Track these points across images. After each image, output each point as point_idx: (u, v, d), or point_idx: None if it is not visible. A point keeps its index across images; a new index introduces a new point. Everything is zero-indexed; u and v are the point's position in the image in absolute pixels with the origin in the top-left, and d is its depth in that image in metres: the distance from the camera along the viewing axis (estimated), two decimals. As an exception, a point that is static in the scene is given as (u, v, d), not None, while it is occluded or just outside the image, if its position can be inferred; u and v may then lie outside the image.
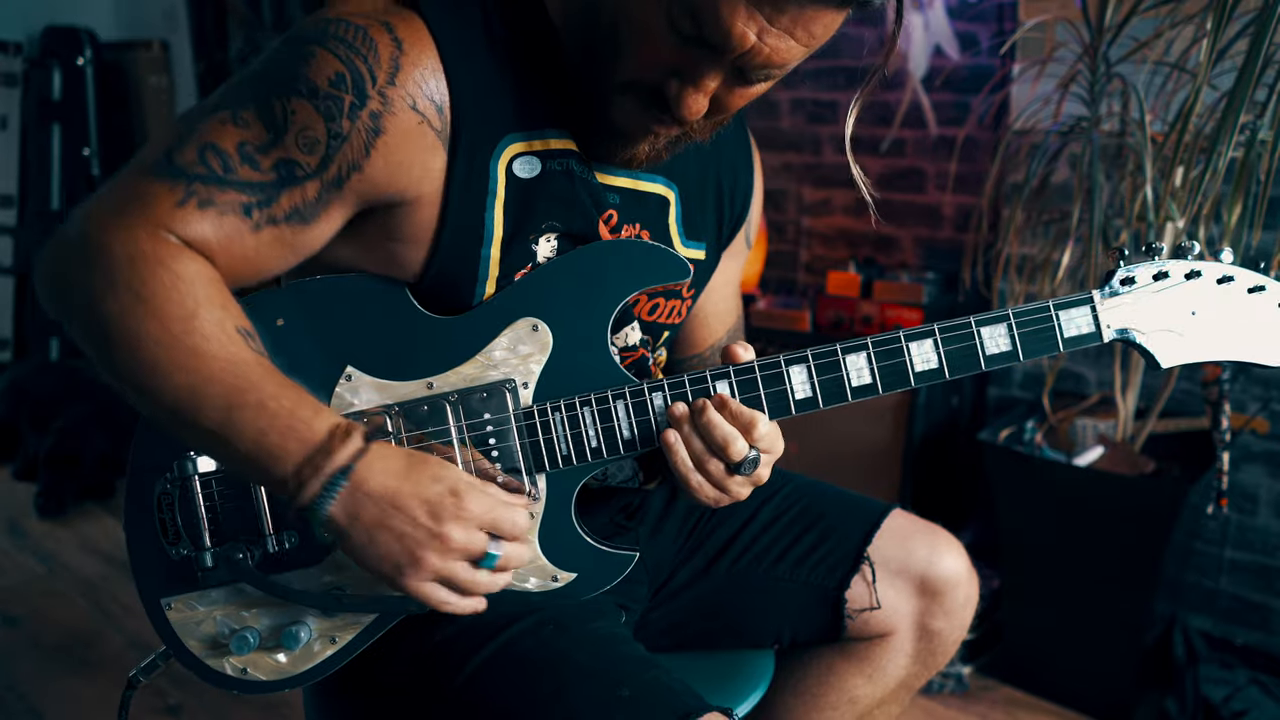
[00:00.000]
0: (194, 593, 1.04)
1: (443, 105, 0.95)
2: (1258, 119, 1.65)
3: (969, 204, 2.78)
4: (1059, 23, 2.18)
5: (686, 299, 1.18)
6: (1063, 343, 1.05)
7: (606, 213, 1.07)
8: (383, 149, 0.93)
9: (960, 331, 1.04)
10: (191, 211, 0.90)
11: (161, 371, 0.88)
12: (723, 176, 1.20)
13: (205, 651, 1.05)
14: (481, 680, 0.98)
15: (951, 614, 1.23)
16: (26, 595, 2.72)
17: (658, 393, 1.02)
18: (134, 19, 4.47)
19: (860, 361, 1.04)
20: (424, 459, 0.91)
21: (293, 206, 0.93)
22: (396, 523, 0.88)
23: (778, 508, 1.26)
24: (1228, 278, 1.05)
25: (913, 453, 2.52)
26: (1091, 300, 1.05)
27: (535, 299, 1.03)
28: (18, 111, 4.17)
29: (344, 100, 0.91)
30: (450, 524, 0.88)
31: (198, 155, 0.91)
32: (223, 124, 0.92)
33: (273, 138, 0.91)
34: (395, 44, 0.93)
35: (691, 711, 0.92)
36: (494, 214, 0.99)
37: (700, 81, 0.91)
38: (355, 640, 1.05)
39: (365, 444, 0.89)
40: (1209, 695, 2.10)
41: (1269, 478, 2.27)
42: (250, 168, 0.91)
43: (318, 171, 0.93)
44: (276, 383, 0.89)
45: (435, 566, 0.89)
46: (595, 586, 1.06)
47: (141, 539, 1.05)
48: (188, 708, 2.20)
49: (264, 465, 0.89)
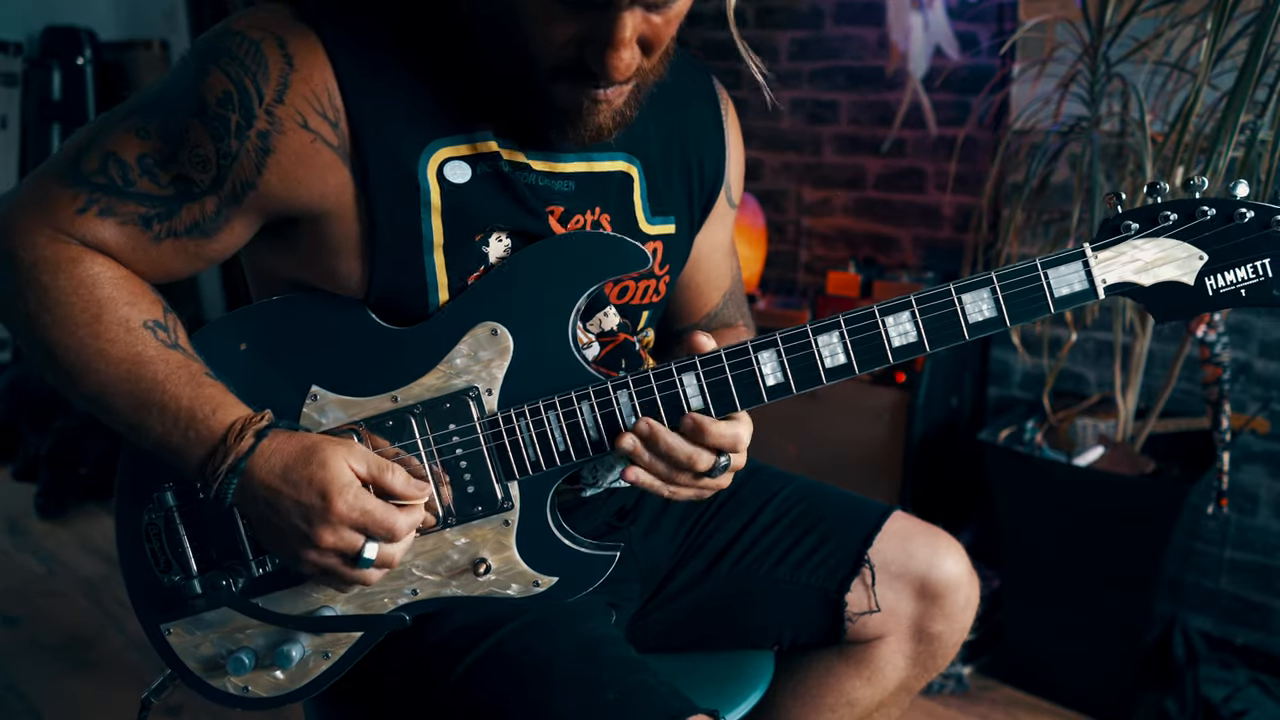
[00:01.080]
0: (189, 618, 1.05)
1: (338, 121, 0.94)
2: (1258, 119, 1.65)
3: (969, 204, 2.78)
4: (1059, 23, 2.18)
5: (662, 276, 1.16)
6: (1054, 303, 0.96)
7: (551, 207, 1.05)
8: (275, 167, 0.93)
9: (939, 300, 0.97)
10: (92, 219, 0.94)
11: (74, 375, 0.94)
12: (688, 142, 1.16)
13: (206, 672, 1.06)
14: (470, 683, 0.98)
15: (951, 617, 1.22)
16: (26, 595, 2.72)
17: (623, 390, 1.00)
18: (134, 19, 4.46)
19: (833, 340, 0.98)
20: (306, 458, 0.91)
21: (193, 220, 0.96)
22: (277, 520, 0.92)
23: (778, 510, 1.26)
24: (1240, 215, 0.94)
25: (913, 453, 2.52)
26: (1083, 254, 0.96)
27: (492, 302, 1.01)
28: (18, 111, 4.17)
29: (230, 120, 0.91)
30: (320, 526, 0.90)
31: (100, 164, 0.93)
32: (127, 134, 0.94)
33: (170, 152, 0.94)
34: (286, 61, 0.92)
35: (677, 714, 0.92)
36: (431, 221, 0.98)
37: (615, 38, 0.88)
38: (349, 654, 1.05)
39: (256, 441, 0.92)
40: (1209, 695, 2.10)
41: (1269, 478, 2.27)
42: (150, 181, 0.94)
43: (213, 188, 0.94)
44: (178, 380, 0.93)
45: (313, 562, 0.93)
46: (579, 588, 1.05)
47: (135, 567, 1.06)
48: (188, 708, 2.20)
49: (174, 459, 0.95)
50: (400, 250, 0.98)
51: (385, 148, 0.96)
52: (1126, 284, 0.97)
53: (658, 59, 0.96)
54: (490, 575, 1.03)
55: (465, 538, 1.03)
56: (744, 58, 1.08)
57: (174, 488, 1.02)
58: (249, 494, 0.92)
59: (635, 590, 1.22)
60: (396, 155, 0.96)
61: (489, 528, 1.03)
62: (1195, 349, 1.98)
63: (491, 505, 1.02)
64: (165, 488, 1.02)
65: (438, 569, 1.03)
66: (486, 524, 1.03)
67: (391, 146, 0.96)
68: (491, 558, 1.03)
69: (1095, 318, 2.35)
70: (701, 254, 1.25)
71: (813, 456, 2.66)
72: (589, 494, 1.14)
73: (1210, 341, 1.88)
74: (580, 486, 1.13)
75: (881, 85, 2.88)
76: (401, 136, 0.96)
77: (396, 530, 0.92)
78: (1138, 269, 0.97)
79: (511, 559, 1.03)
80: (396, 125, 0.96)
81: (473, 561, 1.03)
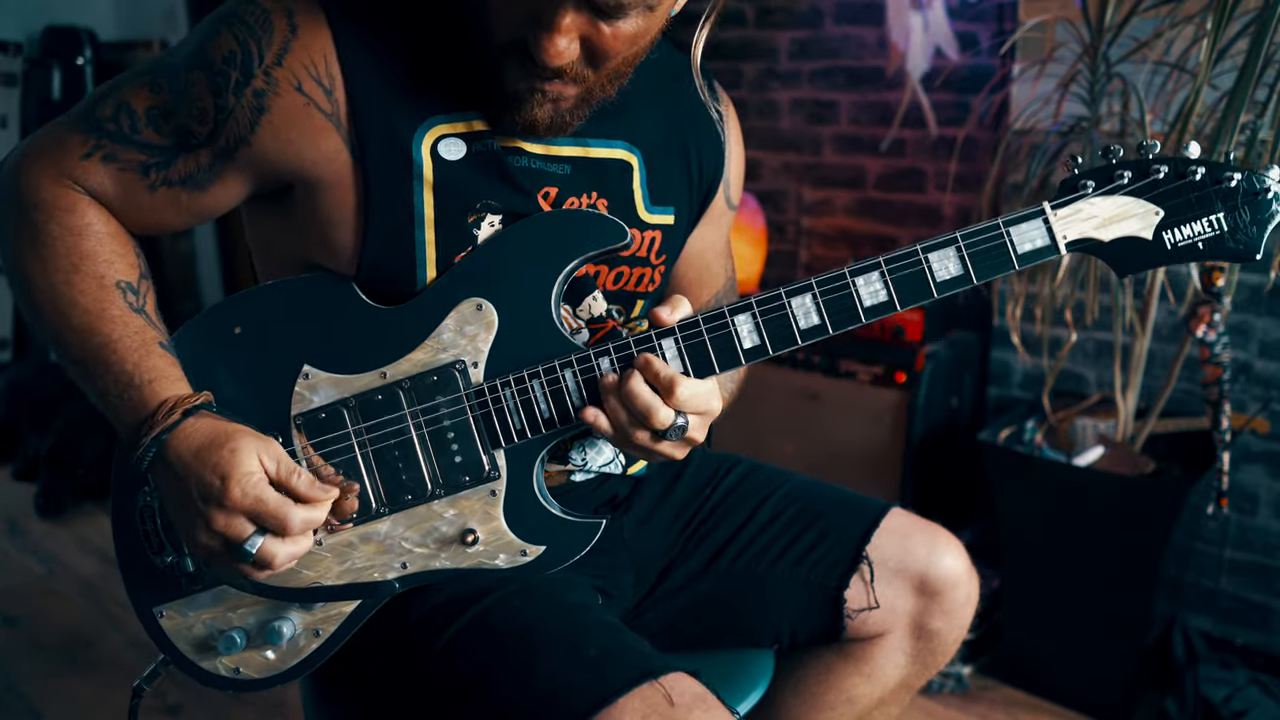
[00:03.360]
0: (183, 599, 1.07)
1: (332, 89, 0.98)
2: (1258, 119, 1.65)
3: (969, 204, 2.78)
4: (1059, 23, 2.18)
5: (657, 265, 1.17)
6: (1017, 260, 1.00)
7: (544, 189, 1.07)
8: (268, 126, 0.98)
9: (907, 260, 1.01)
10: (95, 164, 1.00)
11: (42, 312, 0.99)
12: (688, 138, 1.19)
13: (199, 655, 1.08)
14: (455, 651, 1.00)
15: (951, 613, 1.23)
16: (26, 595, 2.72)
17: (604, 358, 1.02)
18: (134, 19, 4.46)
19: (806, 302, 1.01)
20: (221, 443, 0.93)
21: (187, 171, 1.00)
22: (178, 494, 0.94)
23: (776, 507, 1.26)
24: (1192, 171, 0.99)
25: (913, 453, 2.52)
26: (1043, 212, 1.01)
27: (477, 279, 1.04)
28: (18, 111, 4.17)
29: (231, 77, 0.97)
30: (213, 508, 0.92)
31: (113, 112, 1.00)
32: (141, 86, 1.00)
33: (175, 105, 0.99)
34: (290, 28, 0.97)
35: (655, 670, 0.93)
36: (423, 197, 1.01)
37: (554, 22, 0.90)
38: (339, 631, 1.06)
39: (181, 418, 0.95)
40: (1209, 695, 2.10)
41: (1269, 478, 2.27)
42: (153, 130, 1.00)
43: (208, 141, 0.99)
44: (129, 345, 0.97)
45: (202, 541, 0.94)
46: (565, 557, 1.06)
47: (130, 551, 1.08)
48: (188, 708, 2.20)
49: (110, 416, 0.99)
50: (392, 224, 1.01)
51: (382, 120, 0.99)
52: (1086, 239, 1.01)
53: (606, 74, 0.99)
54: (479, 546, 1.05)
55: (453, 509, 1.05)
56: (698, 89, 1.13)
57: None
58: (163, 465, 0.95)
59: (629, 581, 1.22)
60: (393, 129, 0.99)
61: (476, 499, 1.04)
62: (1195, 349, 1.98)
63: (478, 475, 1.04)
64: None
65: (427, 541, 1.05)
66: (474, 494, 1.04)
67: (388, 120, 0.99)
68: (479, 528, 1.04)
69: (1095, 318, 2.35)
70: (693, 252, 1.26)
71: (813, 457, 2.67)
72: (579, 478, 1.15)
73: (1210, 341, 1.88)
74: (570, 469, 1.13)
75: (881, 85, 2.88)
76: (399, 111, 1.00)
77: (289, 524, 0.92)
78: (1096, 225, 1.01)
79: (499, 529, 1.05)
80: (394, 100, 1.00)
81: (461, 532, 1.04)
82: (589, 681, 0.92)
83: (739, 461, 1.33)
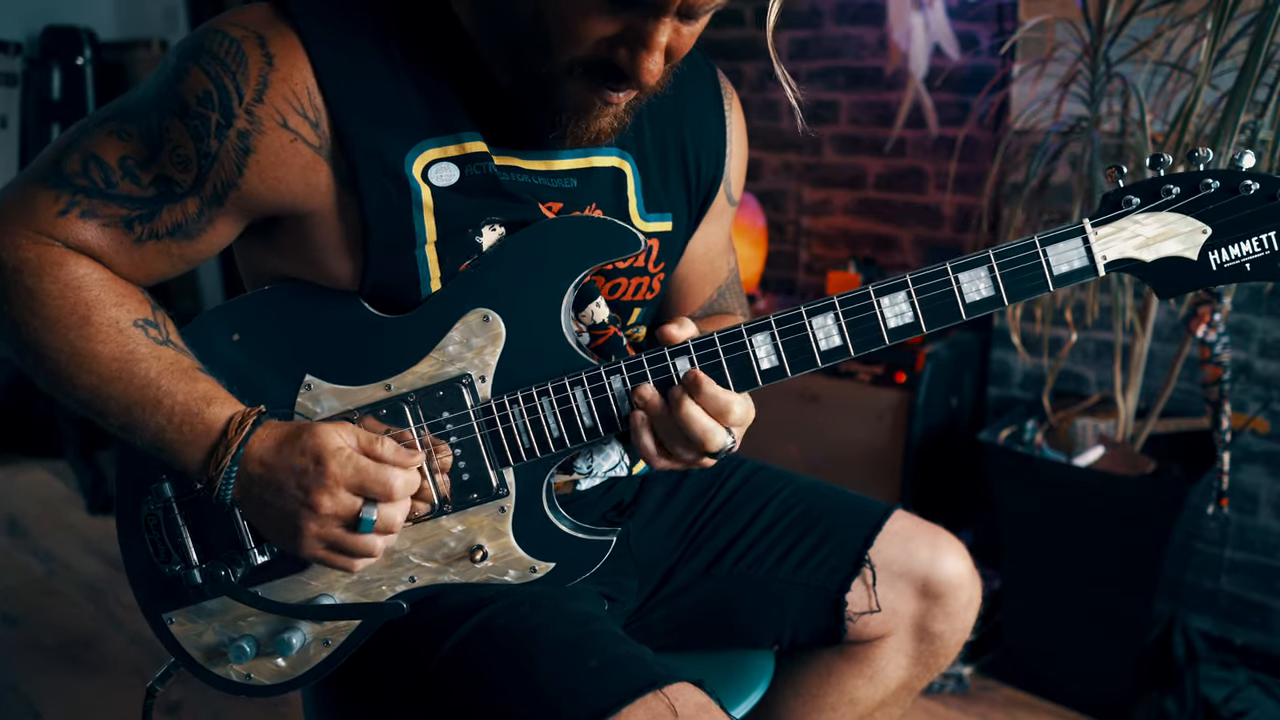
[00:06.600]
0: (191, 607, 1.06)
1: (318, 121, 0.93)
2: (1258, 119, 1.65)
3: (969, 204, 2.78)
4: (1059, 23, 2.18)
5: (655, 273, 1.15)
6: (1052, 281, 0.94)
7: (547, 204, 1.04)
8: (255, 167, 0.93)
9: (936, 280, 0.95)
10: (74, 221, 0.94)
11: (65, 377, 0.93)
12: (686, 138, 1.15)
13: (209, 660, 1.07)
14: (459, 656, 0.99)
15: (953, 616, 1.22)
16: (26, 595, 2.71)
17: (615, 376, 1.00)
18: (134, 19, 4.46)
19: (828, 322, 0.97)
20: (297, 433, 0.92)
21: (174, 222, 0.95)
22: (274, 495, 0.92)
23: (779, 509, 1.26)
24: (1247, 185, 0.90)
25: (913, 453, 2.52)
26: (1083, 231, 0.93)
27: (483, 289, 1.00)
28: (18, 111, 4.17)
29: (210, 119, 0.91)
30: (317, 491, 0.90)
31: (82, 166, 0.93)
32: (108, 135, 0.94)
33: (150, 153, 0.93)
34: (266, 60, 0.91)
35: (659, 679, 0.92)
36: (423, 220, 0.98)
37: (652, 41, 0.88)
38: (349, 640, 1.05)
39: (252, 429, 0.93)
40: (1209, 695, 2.10)
41: (1269, 478, 2.27)
42: (131, 182, 0.94)
43: (194, 189, 0.94)
44: (172, 376, 0.93)
45: (315, 532, 0.92)
46: (576, 573, 1.06)
47: (136, 558, 1.06)
48: (188, 705, 2.20)
49: (169, 456, 0.95)
50: (392, 248, 0.98)
51: (371, 148, 0.95)
52: (1128, 260, 0.94)
53: (669, 69, 0.97)
54: (487, 562, 1.04)
55: (461, 525, 1.03)
56: (781, 84, 1.07)
57: (172, 479, 1.03)
58: (246, 479, 0.92)
59: (633, 586, 1.22)
60: (383, 156, 0.95)
61: (484, 515, 1.03)
62: (1195, 349, 1.98)
63: (487, 492, 1.02)
64: (163, 479, 1.03)
65: (435, 556, 1.04)
66: (482, 511, 1.03)
67: (377, 147, 0.95)
68: (488, 544, 1.03)
69: (1095, 318, 2.35)
70: (696, 251, 1.24)
71: (813, 456, 2.66)
72: (585, 486, 1.15)
73: (1210, 341, 1.88)
74: (575, 477, 1.13)
75: (882, 85, 2.88)
76: (387, 137, 0.95)
77: (392, 488, 0.92)
78: (1139, 244, 0.94)
79: (508, 545, 1.04)
80: (382, 125, 0.95)
81: (469, 548, 1.03)
82: (593, 690, 0.91)
83: (742, 463, 1.32)
